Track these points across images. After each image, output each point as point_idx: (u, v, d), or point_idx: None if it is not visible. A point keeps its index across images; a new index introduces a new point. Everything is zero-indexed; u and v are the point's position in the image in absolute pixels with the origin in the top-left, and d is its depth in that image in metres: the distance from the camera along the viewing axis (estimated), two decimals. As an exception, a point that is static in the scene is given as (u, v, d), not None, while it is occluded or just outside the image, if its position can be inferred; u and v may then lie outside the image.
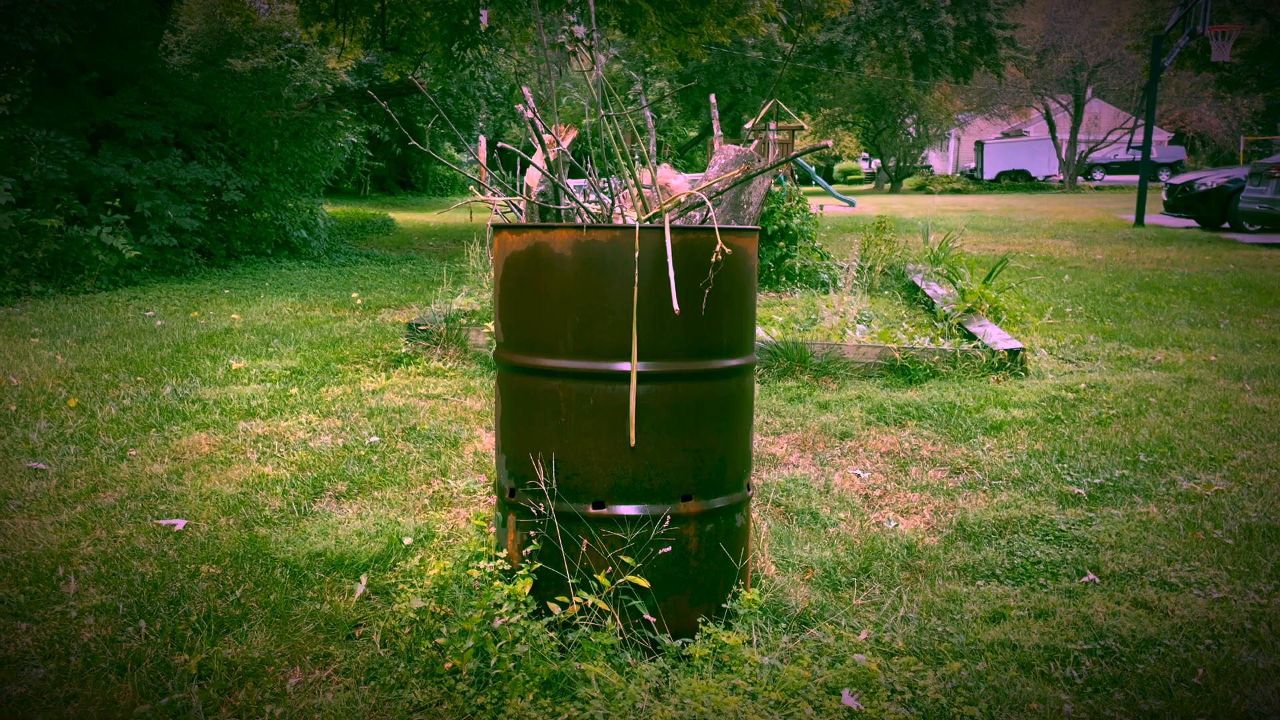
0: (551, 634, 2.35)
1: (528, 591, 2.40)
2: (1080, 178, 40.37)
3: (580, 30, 2.43)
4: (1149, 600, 2.82)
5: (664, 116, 35.89)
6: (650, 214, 2.53)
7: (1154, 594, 2.87)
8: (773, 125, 11.17)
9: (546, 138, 2.63)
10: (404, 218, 19.30)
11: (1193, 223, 18.07)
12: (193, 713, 2.20)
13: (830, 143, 4.94)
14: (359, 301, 8.52)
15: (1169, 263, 11.85)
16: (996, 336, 5.94)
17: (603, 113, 2.59)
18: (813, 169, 25.87)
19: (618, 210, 2.71)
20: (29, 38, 8.79)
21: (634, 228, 2.33)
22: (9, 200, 8.21)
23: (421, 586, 2.74)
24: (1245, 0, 26.40)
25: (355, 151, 18.66)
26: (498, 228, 2.57)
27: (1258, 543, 3.24)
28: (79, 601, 2.75)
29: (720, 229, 2.36)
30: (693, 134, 37.99)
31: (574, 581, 2.45)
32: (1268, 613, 2.71)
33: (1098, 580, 3.00)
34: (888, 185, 42.36)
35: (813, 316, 6.70)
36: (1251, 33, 26.79)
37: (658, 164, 2.84)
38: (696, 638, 2.46)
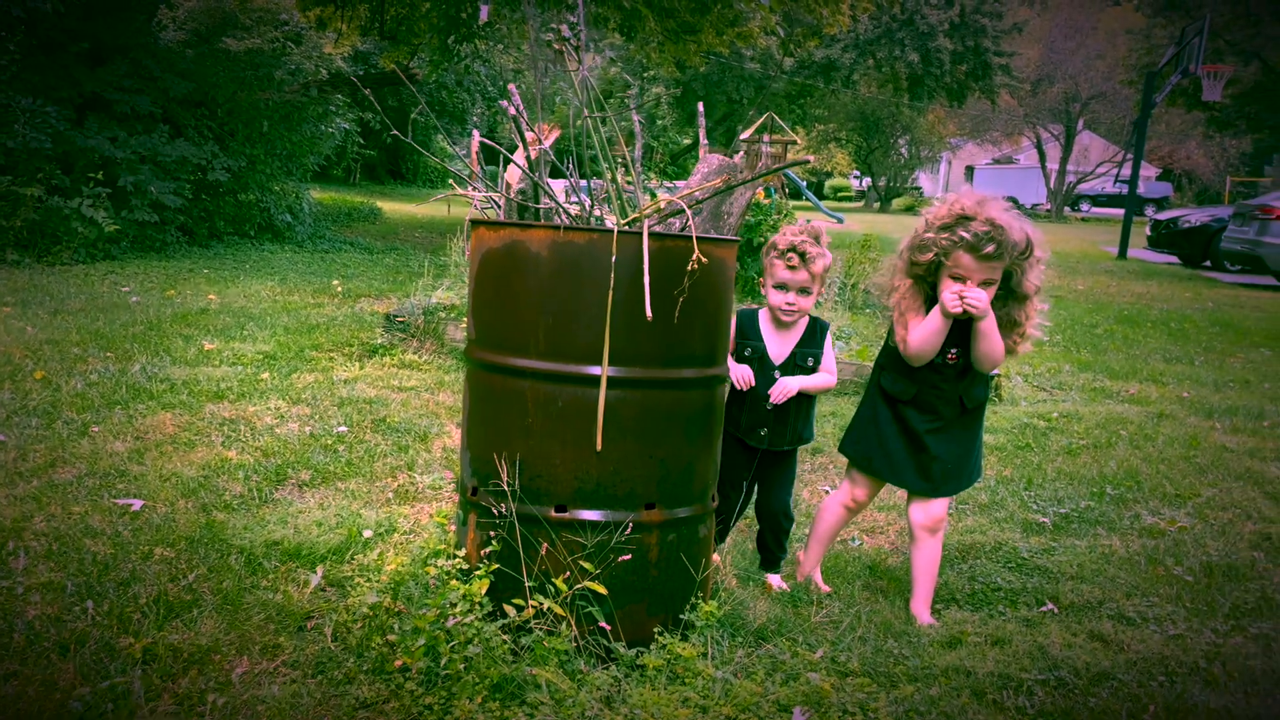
0: (505, 637, 2.32)
1: (484, 592, 2.37)
2: (1067, 208, 40.67)
3: (566, 30, 2.40)
4: (1105, 633, 2.82)
5: (659, 123, 35.92)
6: (629, 219, 2.51)
7: (1111, 627, 2.87)
8: (766, 138, 11.19)
9: (529, 135, 2.61)
10: (392, 208, 19.20)
11: (1175, 259, 18.24)
12: (133, 698, 2.16)
13: (812, 158, 4.95)
14: (339, 289, 8.46)
15: (1149, 297, 11.94)
16: (973, 361, 5.94)
17: (586, 115, 2.57)
18: (804, 183, 25.93)
19: (597, 213, 2.69)
20: (20, 3, 8.69)
21: (612, 231, 2.31)
22: (-11, 166, 8.11)
23: (378, 581, 2.71)
24: (1239, 42, 26.70)
25: (346, 138, 18.56)
26: (475, 223, 2.54)
27: (1217, 581, 3.26)
28: (27, 578, 2.69)
29: (699, 237, 2.34)
30: (686, 141, 38.04)
31: (531, 585, 2.42)
32: (1223, 652, 2.71)
33: (1056, 610, 3.00)
34: (877, 204, 42.55)
35: (792, 330, 6.69)
36: (1244, 74, 27.10)
37: (647, 171, 2.82)
38: (652, 648, 2.44)
